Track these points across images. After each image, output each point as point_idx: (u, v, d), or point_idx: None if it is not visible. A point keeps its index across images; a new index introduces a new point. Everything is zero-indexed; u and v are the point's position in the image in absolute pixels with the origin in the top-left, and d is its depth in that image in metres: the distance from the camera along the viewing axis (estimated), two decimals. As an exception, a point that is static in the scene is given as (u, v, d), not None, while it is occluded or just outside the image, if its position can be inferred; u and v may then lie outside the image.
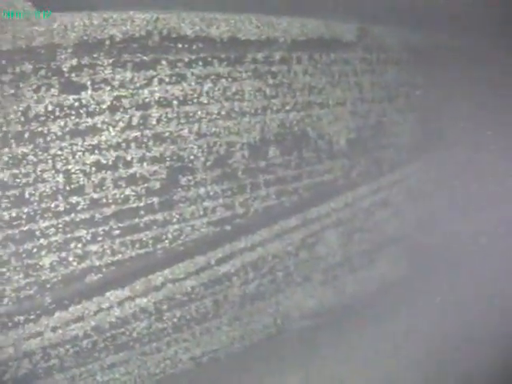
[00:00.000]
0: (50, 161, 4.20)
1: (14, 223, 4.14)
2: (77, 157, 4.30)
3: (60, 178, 4.26)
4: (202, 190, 4.90)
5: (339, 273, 6.06)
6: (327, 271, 5.94)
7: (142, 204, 4.63)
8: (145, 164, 4.58)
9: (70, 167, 4.28)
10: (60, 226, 4.31)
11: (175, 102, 4.64)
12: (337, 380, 5.26)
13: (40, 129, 4.13)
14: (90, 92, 4.27)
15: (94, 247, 4.48)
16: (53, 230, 4.29)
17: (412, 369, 5.36)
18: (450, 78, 6.88)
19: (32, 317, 4.26)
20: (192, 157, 4.80)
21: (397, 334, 5.86)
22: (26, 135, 4.08)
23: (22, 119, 4.05)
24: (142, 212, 4.65)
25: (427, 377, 5.32)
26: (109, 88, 4.33)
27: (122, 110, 4.42)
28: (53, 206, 4.26)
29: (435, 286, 6.44)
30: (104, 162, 4.41)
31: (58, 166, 4.24)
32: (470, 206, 7.22)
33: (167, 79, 4.58)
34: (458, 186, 7.14)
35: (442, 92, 6.89)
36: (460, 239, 6.97)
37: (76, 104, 4.24)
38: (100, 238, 4.50)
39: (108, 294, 4.55)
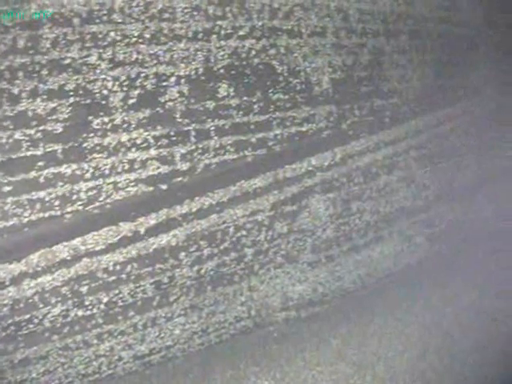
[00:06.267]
0: None
1: None
2: None
3: None
4: (124, 137, 3.82)
5: (335, 252, 4.83)
6: (318, 249, 4.73)
7: (38, 153, 3.60)
8: (38, 100, 3.55)
9: None
10: None
11: (76, 20, 3.61)
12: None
13: None
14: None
15: (-25, 207, 3.49)
16: None
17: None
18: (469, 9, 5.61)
19: None
20: (106, 92, 3.73)
21: (409, 330, 4.60)
22: None
23: None
24: (41, 163, 3.61)
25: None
26: (-23, -1, 3.37)
27: (1, 29, 3.42)
28: None
29: (460, 271, 5.19)
30: (-21, 94, 3.42)
31: None
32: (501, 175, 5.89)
33: (60, -12, 3.56)
34: (483, 146, 5.79)
35: (456, 29, 5.60)
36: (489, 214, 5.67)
37: None
38: (-17, 196, 3.50)
39: (-3, 267, 3.54)
